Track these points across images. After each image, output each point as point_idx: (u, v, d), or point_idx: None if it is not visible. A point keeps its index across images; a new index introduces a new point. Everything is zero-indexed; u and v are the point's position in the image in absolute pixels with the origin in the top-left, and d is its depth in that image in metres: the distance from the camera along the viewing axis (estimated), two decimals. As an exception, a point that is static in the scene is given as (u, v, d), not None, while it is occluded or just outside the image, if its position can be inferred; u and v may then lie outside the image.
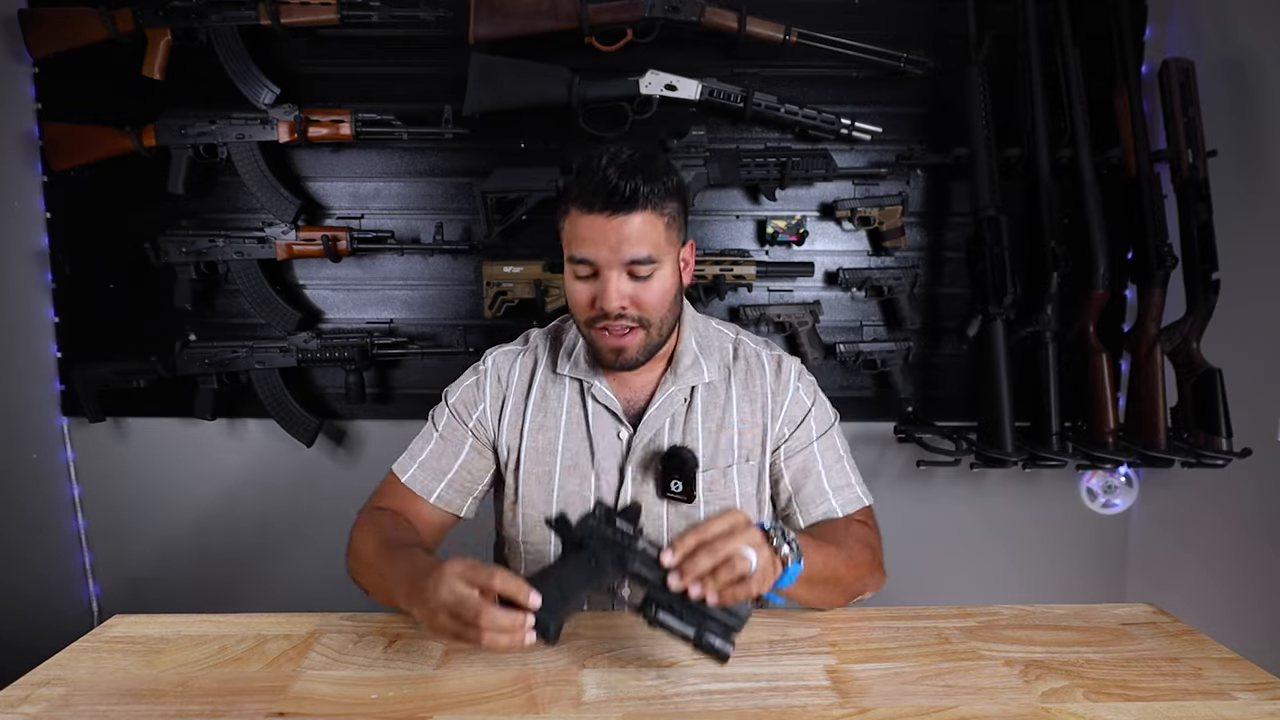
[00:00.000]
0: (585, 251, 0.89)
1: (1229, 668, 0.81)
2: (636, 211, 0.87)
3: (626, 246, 0.87)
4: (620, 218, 0.87)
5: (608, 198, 0.86)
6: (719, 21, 1.54)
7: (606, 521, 0.74)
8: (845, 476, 1.02)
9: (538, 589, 0.71)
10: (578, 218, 0.89)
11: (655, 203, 0.89)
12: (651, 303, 0.91)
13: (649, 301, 0.91)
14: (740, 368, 1.03)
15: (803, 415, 1.02)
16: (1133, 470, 1.78)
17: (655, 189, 0.88)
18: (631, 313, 0.90)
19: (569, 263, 0.92)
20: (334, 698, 0.75)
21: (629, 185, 0.86)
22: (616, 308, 0.89)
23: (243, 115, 1.58)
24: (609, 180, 0.86)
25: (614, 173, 0.86)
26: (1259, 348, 1.52)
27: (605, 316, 0.90)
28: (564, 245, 0.93)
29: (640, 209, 0.87)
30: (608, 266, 0.88)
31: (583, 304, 0.92)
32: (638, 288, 0.90)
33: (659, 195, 0.89)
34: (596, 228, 0.88)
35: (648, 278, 0.90)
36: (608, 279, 0.89)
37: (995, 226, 1.54)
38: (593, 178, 0.87)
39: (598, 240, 0.88)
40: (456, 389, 1.05)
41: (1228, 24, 1.58)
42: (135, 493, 1.78)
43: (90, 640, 0.86)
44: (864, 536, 0.96)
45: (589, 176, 0.88)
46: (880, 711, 0.73)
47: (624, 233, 0.87)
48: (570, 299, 0.94)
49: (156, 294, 1.65)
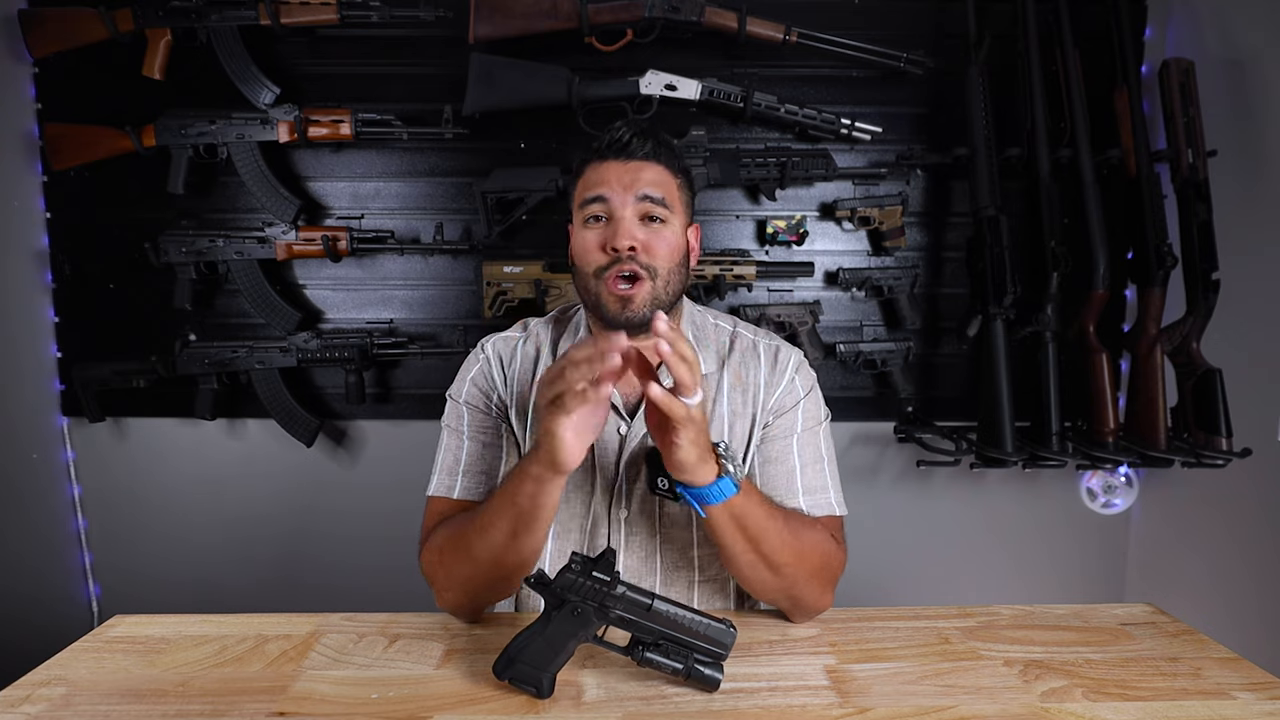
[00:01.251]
0: (599, 190, 0.90)
1: (1228, 668, 0.81)
2: (651, 161, 0.92)
3: (640, 185, 0.90)
4: (635, 162, 0.91)
5: (623, 146, 0.91)
6: (719, 21, 1.54)
7: (584, 573, 0.74)
8: (822, 479, 0.97)
9: (526, 650, 0.74)
10: (593, 169, 0.92)
11: (668, 161, 0.93)
12: (662, 251, 0.90)
13: (659, 249, 0.90)
14: (735, 359, 1.01)
15: (791, 405, 0.99)
16: (1133, 470, 1.78)
17: (669, 150, 0.94)
18: (641, 258, 0.89)
19: (579, 210, 0.92)
20: (334, 698, 0.75)
21: (645, 139, 0.91)
22: (627, 245, 0.88)
23: (243, 115, 1.58)
24: (624, 135, 0.91)
25: (628, 130, 0.92)
26: (1259, 348, 1.53)
27: (616, 261, 0.89)
28: (575, 203, 0.94)
29: (654, 160, 0.92)
30: (621, 206, 0.90)
31: (593, 249, 0.91)
32: (649, 234, 0.90)
33: (672, 156, 0.94)
34: (611, 170, 0.91)
35: (660, 223, 0.91)
36: (620, 217, 0.89)
37: (995, 226, 1.54)
38: (607, 135, 0.92)
39: (611, 180, 0.90)
40: (463, 385, 1.01)
41: (1228, 24, 1.58)
42: (135, 493, 1.78)
43: (90, 640, 0.86)
44: (821, 542, 0.90)
45: (603, 137, 0.92)
46: (880, 711, 0.73)
47: (638, 174, 0.90)
48: (579, 252, 0.92)
49: (156, 294, 1.65)
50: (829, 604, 0.92)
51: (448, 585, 0.88)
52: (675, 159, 0.95)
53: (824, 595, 0.91)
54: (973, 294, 1.60)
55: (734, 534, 0.83)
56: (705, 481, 0.79)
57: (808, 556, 0.88)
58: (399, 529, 1.62)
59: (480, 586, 0.88)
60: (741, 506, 0.81)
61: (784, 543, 0.85)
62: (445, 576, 0.88)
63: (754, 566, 0.86)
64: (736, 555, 0.86)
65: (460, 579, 0.87)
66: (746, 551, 0.85)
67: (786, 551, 0.86)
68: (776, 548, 0.85)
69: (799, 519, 0.91)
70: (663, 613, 0.75)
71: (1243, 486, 1.54)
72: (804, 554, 0.87)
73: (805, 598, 0.90)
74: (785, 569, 0.86)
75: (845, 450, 1.79)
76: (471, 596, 0.89)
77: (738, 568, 0.88)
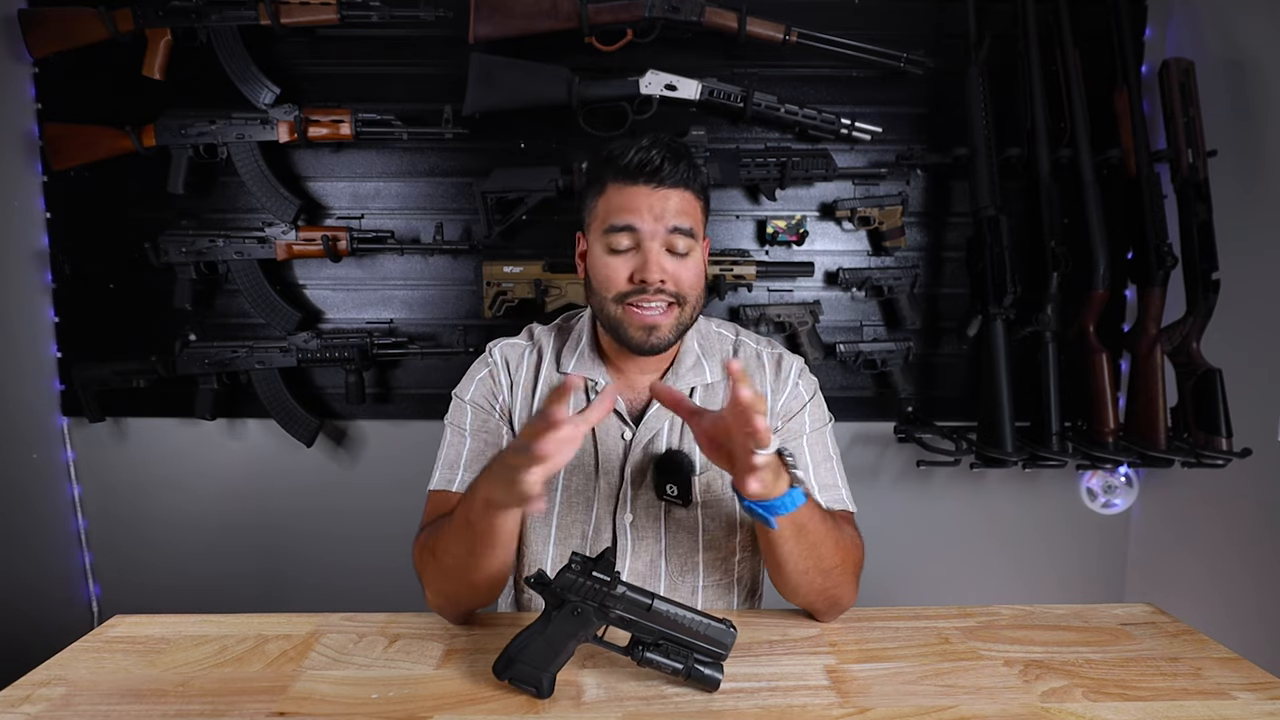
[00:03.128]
0: (628, 218, 0.89)
1: (1228, 667, 0.81)
2: (679, 188, 0.91)
3: (670, 216, 0.89)
4: (665, 190, 0.90)
5: (655, 171, 0.89)
6: (719, 21, 1.54)
7: (583, 573, 0.74)
8: (833, 477, 0.99)
9: (526, 650, 0.74)
10: (619, 190, 0.91)
11: (693, 185, 0.93)
12: (689, 280, 0.91)
13: (686, 279, 0.91)
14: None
15: (798, 409, 1.00)
16: (1133, 470, 1.78)
17: (695, 173, 0.93)
18: (669, 288, 0.90)
19: (605, 235, 0.91)
20: (334, 698, 0.75)
21: (676, 164, 0.90)
22: (658, 279, 0.88)
23: (243, 115, 1.58)
24: (654, 157, 0.89)
25: (659, 152, 0.90)
26: (1259, 348, 1.52)
27: (643, 291, 0.89)
28: (596, 221, 0.93)
29: (682, 186, 0.91)
30: (650, 237, 0.89)
31: (618, 279, 0.90)
32: (677, 265, 0.90)
33: (697, 179, 0.93)
34: (641, 197, 0.89)
35: (686, 255, 0.91)
36: (649, 250, 0.89)
37: (995, 226, 1.54)
38: (635, 155, 0.90)
39: (642, 209, 0.89)
40: (470, 385, 1.01)
41: (1228, 24, 1.58)
42: (135, 493, 1.78)
43: (90, 640, 0.86)
44: (855, 538, 0.92)
45: (630, 154, 0.90)
46: (880, 711, 0.73)
47: (668, 204, 0.90)
48: (601, 276, 0.92)
49: (156, 294, 1.65)
50: (854, 598, 0.93)
51: (429, 585, 0.89)
52: (699, 180, 0.94)
53: (855, 591, 0.92)
54: (973, 294, 1.60)
55: (796, 540, 0.82)
56: (777, 494, 0.76)
57: (850, 555, 0.89)
58: (399, 529, 1.62)
59: (453, 594, 0.87)
60: (807, 513, 0.80)
61: (835, 544, 0.86)
62: (425, 577, 0.89)
63: (808, 572, 0.86)
64: (793, 563, 0.84)
65: (436, 583, 0.87)
66: (805, 558, 0.84)
67: (838, 553, 0.86)
68: (830, 550, 0.85)
69: (837, 518, 0.92)
70: (663, 613, 0.75)
71: (1243, 486, 1.54)
72: (848, 553, 0.88)
73: (844, 597, 0.90)
74: (834, 571, 0.87)
75: (846, 450, 1.77)
76: (451, 601, 0.88)
77: (789, 575, 0.86)
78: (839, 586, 0.89)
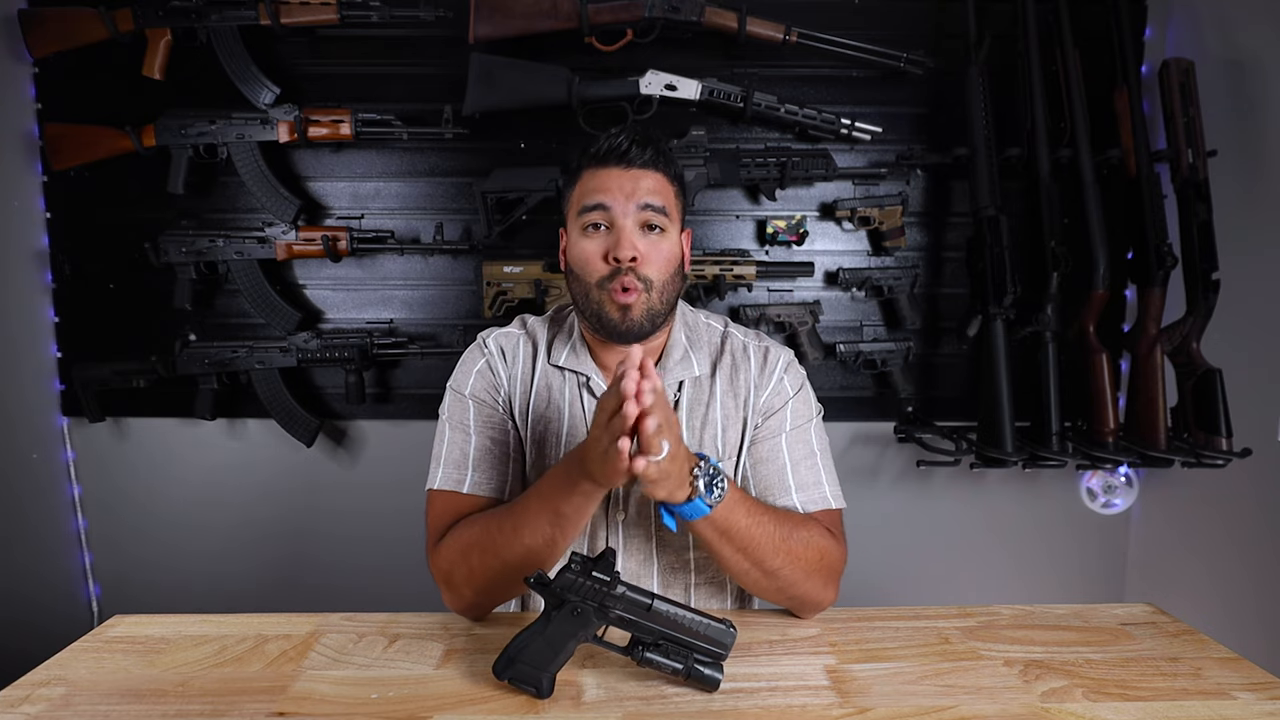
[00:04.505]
0: (599, 197, 0.91)
1: (1228, 667, 0.81)
2: (650, 169, 0.92)
3: (640, 193, 0.91)
4: (636, 170, 0.92)
5: (624, 154, 0.92)
6: (719, 21, 1.54)
7: (583, 573, 0.74)
8: (815, 475, 0.97)
9: (526, 650, 0.74)
10: (592, 174, 0.93)
11: (665, 168, 0.94)
12: (659, 262, 0.91)
13: (656, 260, 0.91)
14: (726, 362, 1.00)
15: (780, 405, 0.99)
16: (1133, 470, 1.78)
17: (667, 157, 0.95)
18: (640, 269, 0.90)
19: (578, 217, 0.92)
20: (334, 698, 0.75)
21: (645, 146, 0.92)
22: (629, 255, 0.89)
23: (243, 115, 1.58)
24: (623, 141, 0.92)
25: (628, 137, 0.92)
26: (1259, 348, 1.52)
27: (617, 272, 0.89)
28: (572, 210, 0.94)
29: (653, 168, 0.93)
30: (622, 215, 0.90)
31: (593, 259, 0.91)
32: (648, 245, 0.91)
33: (669, 163, 0.95)
34: (612, 178, 0.91)
35: (660, 233, 0.92)
36: (622, 227, 0.90)
37: (995, 226, 1.54)
38: (606, 141, 0.93)
39: (613, 188, 0.91)
40: (468, 378, 0.99)
41: (1228, 24, 1.58)
42: (135, 493, 1.78)
43: (90, 640, 0.86)
44: (815, 539, 0.89)
45: (602, 142, 0.93)
46: (880, 711, 0.73)
47: (640, 183, 0.91)
48: (580, 262, 0.92)
49: (156, 294, 1.65)
50: (833, 599, 0.92)
51: (467, 583, 0.88)
52: (672, 166, 0.95)
53: (825, 591, 0.91)
54: (973, 294, 1.60)
55: (720, 544, 0.84)
56: (678, 501, 0.79)
57: (801, 556, 0.87)
58: (399, 529, 1.63)
59: (504, 586, 0.88)
60: (724, 520, 0.82)
61: (775, 547, 0.85)
62: (466, 575, 0.87)
63: (747, 572, 0.87)
64: (727, 562, 0.87)
65: (485, 579, 0.87)
66: (736, 559, 0.86)
67: (779, 556, 0.86)
68: (768, 553, 0.85)
69: (791, 519, 0.90)
70: (663, 613, 0.75)
71: (1243, 486, 1.54)
72: (797, 554, 0.87)
73: (806, 596, 0.90)
74: (780, 572, 0.87)
75: (845, 450, 1.79)
76: (491, 596, 0.89)
77: (731, 573, 0.89)
78: (795, 586, 0.88)
